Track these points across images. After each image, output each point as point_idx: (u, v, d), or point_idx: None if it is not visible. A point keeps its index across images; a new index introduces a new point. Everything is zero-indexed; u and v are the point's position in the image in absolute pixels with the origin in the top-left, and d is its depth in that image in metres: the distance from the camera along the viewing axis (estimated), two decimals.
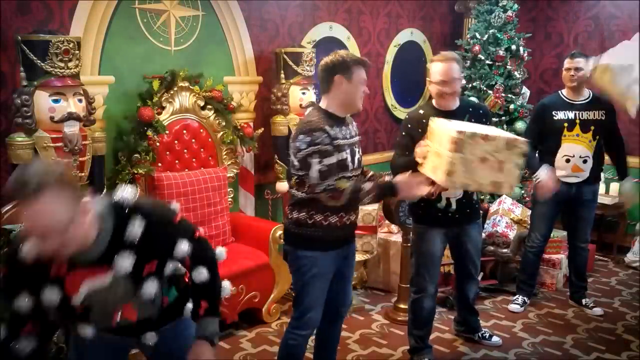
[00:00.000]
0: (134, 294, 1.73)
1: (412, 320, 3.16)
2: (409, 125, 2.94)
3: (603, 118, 3.63)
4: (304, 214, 2.45)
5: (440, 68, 2.86)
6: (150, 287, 1.74)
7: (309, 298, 2.52)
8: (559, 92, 3.81)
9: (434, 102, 2.97)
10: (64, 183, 1.53)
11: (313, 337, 2.74)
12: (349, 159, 2.44)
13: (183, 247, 1.78)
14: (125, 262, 1.67)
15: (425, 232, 3.02)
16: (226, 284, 2.01)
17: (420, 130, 2.82)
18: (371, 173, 2.67)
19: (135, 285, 1.72)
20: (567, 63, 3.69)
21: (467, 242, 3.12)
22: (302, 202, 2.45)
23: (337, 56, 2.44)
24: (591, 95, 3.71)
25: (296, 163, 2.40)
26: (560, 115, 3.65)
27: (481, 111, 3.02)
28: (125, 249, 1.67)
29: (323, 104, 2.47)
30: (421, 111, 2.96)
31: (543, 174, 3.57)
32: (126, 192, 1.73)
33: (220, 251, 1.97)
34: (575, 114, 3.62)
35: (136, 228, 1.68)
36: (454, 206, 2.94)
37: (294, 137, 2.42)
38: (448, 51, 3.02)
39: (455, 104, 2.95)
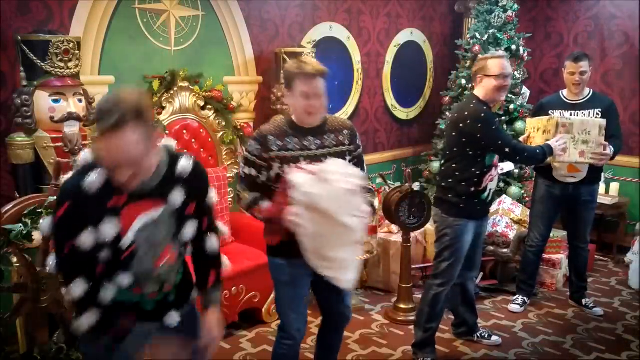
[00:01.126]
0: (177, 233, 1.81)
1: (429, 313, 3.16)
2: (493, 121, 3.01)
3: (599, 117, 3.61)
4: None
5: (500, 63, 2.97)
6: (190, 229, 1.83)
7: (283, 306, 2.48)
8: (560, 92, 3.81)
9: (481, 96, 3.00)
10: (144, 116, 1.59)
11: (314, 337, 2.73)
12: (266, 174, 2.32)
13: (213, 194, 1.91)
14: (177, 196, 1.76)
15: (465, 226, 3.03)
16: (225, 258, 2.06)
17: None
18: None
19: (179, 224, 1.80)
20: (570, 67, 3.64)
21: (483, 232, 3.30)
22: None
23: (288, 66, 2.35)
24: (591, 93, 3.71)
25: None
26: (556, 114, 3.64)
27: None
28: (177, 183, 1.77)
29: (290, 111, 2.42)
30: (485, 107, 2.99)
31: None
32: (169, 142, 1.85)
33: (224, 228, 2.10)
34: (571, 113, 3.61)
35: (187, 164, 1.80)
36: (490, 197, 3.09)
37: None
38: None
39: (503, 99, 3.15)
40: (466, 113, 2.95)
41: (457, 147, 2.99)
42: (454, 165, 3.02)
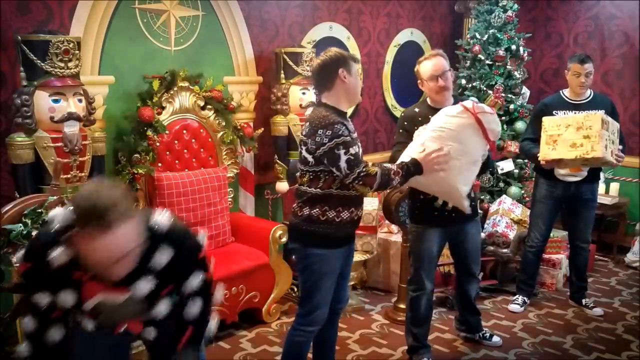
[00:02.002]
0: (145, 312, 1.76)
1: (411, 318, 3.17)
2: (405, 123, 3.01)
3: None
4: (316, 210, 2.46)
5: (430, 64, 2.93)
6: (163, 307, 1.79)
7: (319, 295, 2.54)
8: (560, 92, 3.80)
9: (428, 100, 3.04)
10: (129, 210, 1.53)
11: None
12: (360, 151, 2.47)
13: (195, 281, 1.82)
14: (144, 286, 1.70)
15: (423, 232, 3.02)
16: (220, 293, 2.03)
17: (416, 127, 2.87)
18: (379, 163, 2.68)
19: (149, 306, 1.76)
20: (576, 68, 3.63)
21: (466, 241, 3.14)
22: (315, 198, 2.46)
23: (334, 52, 2.49)
24: (592, 94, 3.71)
25: (311, 159, 2.43)
26: (560, 114, 3.64)
27: None
28: (148, 274, 1.69)
29: (327, 101, 2.49)
30: (416, 109, 3.04)
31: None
32: (163, 217, 1.74)
33: (219, 294, 2.02)
34: (574, 113, 3.62)
35: (163, 257, 1.70)
36: (450, 205, 2.93)
37: (310, 133, 2.42)
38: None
39: (450, 101, 2.98)
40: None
41: None
42: None
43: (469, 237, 3.13)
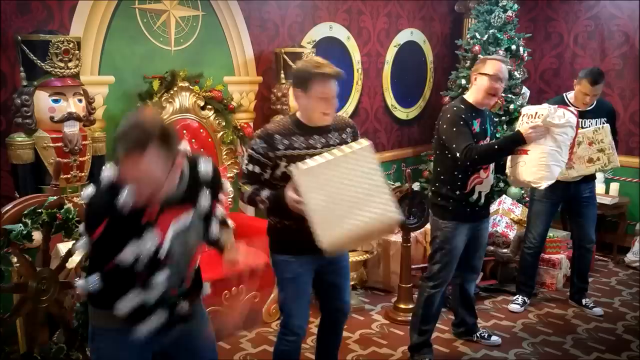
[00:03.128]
0: (205, 233, 1.89)
1: (423, 315, 3.16)
2: (463, 116, 2.88)
3: (605, 124, 3.61)
4: (273, 217, 2.47)
5: (499, 66, 2.90)
6: (215, 227, 1.94)
7: (287, 302, 2.50)
8: (564, 95, 3.75)
9: (468, 98, 2.96)
10: (167, 142, 1.63)
11: (314, 338, 2.74)
12: (257, 170, 2.35)
13: (227, 185, 2.02)
14: (205, 200, 1.85)
15: (456, 229, 3.01)
16: (206, 285, 2.07)
17: (462, 123, 2.85)
18: None
19: (206, 225, 1.90)
20: (585, 89, 3.55)
21: (482, 235, 3.20)
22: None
23: (301, 66, 2.36)
24: (595, 101, 3.69)
25: None
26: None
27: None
28: (203, 187, 1.85)
29: (298, 112, 2.43)
30: (462, 106, 2.94)
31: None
32: (184, 145, 1.84)
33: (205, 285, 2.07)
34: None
35: (206, 167, 1.87)
36: (482, 200, 3.01)
37: None
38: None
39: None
40: (441, 114, 2.98)
41: (438, 149, 3.00)
42: (438, 169, 3.02)
43: (484, 233, 3.22)
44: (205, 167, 1.87)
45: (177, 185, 1.74)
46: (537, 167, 2.87)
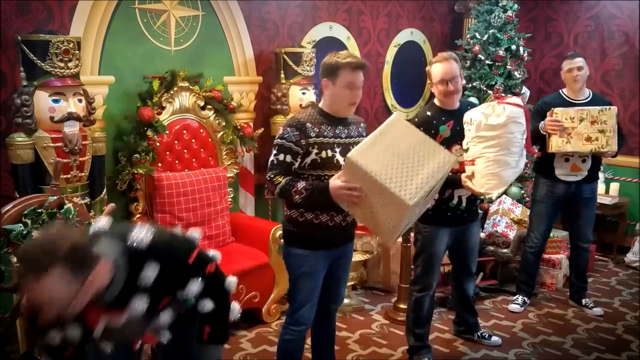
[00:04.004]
0: (149, 325, 1.80)
1: (414, 319, 3.17)
2: (421, 128, 2.82)
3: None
4: (294, 211, 2.48)
5: (441, 68, 2.88)
6: (166, 317, 1.83)
7: (299, 295, 2.55)
8: (560, 91, 3.80)
9: (436, 102, 3.00)
10: (75, 262, 1.55)
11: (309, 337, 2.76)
12: (337, 157, 2.44)
13: (194, 287, 1.82)
14: (139, 305, 1.72)
15: (435, 233, 3.02)
16: (232, 279, 2.02)
17: (433, 131, 2.84)
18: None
19: (151, 318, 1.78)
20: (567, 64, 3.68)
21: (470, 240, 3.16)
22: None
23: (329, 58, 2.46)
24: (591, 94, 3.71)
25: None
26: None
27: None
28: (139, 292, 1.72)
29: (321, 103, 2.54)
30: (428, 113, 2.97)
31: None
32: (141, 234, 1.74)
33: (230, 281, 2.01)
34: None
35: (150, 273, 1.71)
36: (464, 204, 2.98)
37: None
38: (445, 52, 3.02)
39: (457, 104, 2.98)
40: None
41: None
42: None
43: (472, 237, 3.17)
44: (148, 274, 1.71)
45: (106, 291, 1.66)
46: (485, 177, 2.74)
